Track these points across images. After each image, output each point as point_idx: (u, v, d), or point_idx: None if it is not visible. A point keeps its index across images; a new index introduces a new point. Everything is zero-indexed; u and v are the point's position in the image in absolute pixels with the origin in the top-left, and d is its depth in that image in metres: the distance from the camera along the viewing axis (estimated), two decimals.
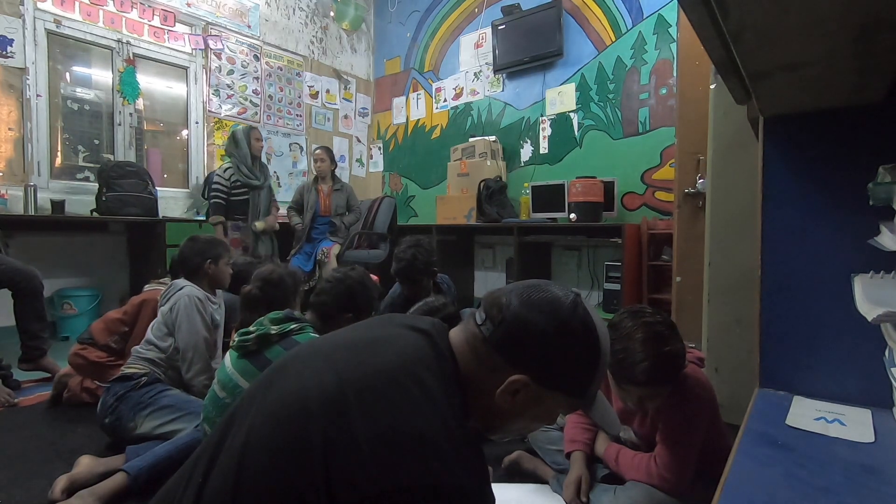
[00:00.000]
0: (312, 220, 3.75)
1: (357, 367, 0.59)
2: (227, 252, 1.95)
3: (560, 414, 0.71)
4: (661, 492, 1.10)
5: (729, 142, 1.66)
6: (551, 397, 0.65)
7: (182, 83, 3.99)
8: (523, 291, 0.66)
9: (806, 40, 0.61)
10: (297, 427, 0.54)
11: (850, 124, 0.92)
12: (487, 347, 0.64)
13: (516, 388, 0.62)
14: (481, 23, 4.41)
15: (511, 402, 0.63)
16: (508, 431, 0.70)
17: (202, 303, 1.77)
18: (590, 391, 0.67)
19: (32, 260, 2.41)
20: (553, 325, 0.62)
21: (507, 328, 0.63)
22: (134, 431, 1.55)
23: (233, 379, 1.32)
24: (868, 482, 0.64)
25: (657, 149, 3.42)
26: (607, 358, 0.67)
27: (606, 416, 0.73)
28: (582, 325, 0.64)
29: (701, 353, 1.24)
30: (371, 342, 0.65)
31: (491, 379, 0.63)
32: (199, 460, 0.62)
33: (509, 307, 0.64)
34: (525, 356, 0.63)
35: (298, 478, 0.52)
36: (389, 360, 0.60)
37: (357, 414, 0.54)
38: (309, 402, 0.56)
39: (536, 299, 0.64)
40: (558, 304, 0.64)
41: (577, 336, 0.64)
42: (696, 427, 1.10)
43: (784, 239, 0.99)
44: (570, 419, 1.41)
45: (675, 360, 1.08)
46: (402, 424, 0.53)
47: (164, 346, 1.72)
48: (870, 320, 0.64)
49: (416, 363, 0.60)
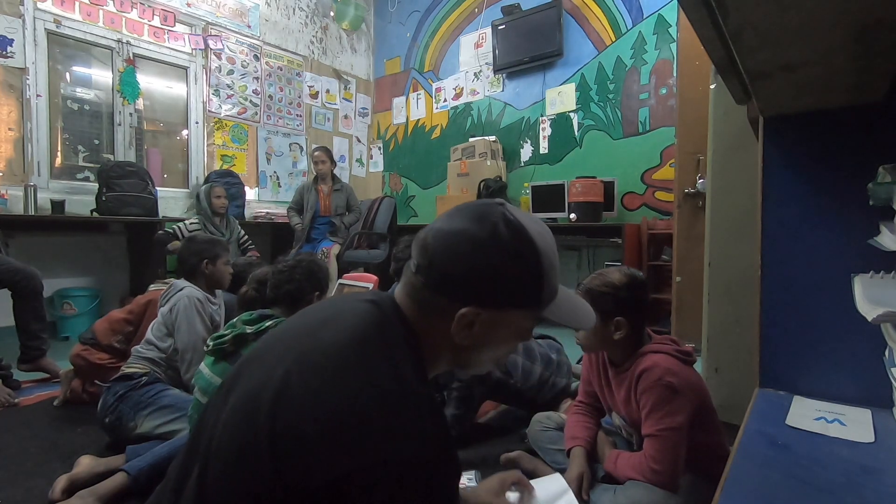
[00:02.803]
0: (312, 220, 3.75)
1: (301, 356, 0.57)
2: (226, 252, 1.94)
3: (528, 328, 0.68)
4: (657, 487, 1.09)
5: (729, 142, 1.66)
6: (509, 316, 0.62)
7: (182, 83, 3.99)
8: (443, 221, 0.63)
9: (806, 40, 0.61)
10: (248, 428, 0.54)
11: (850, 124, 0.92)
12: (429, 293, 0.62)
13: (469, 321, 0.60)
14: (481, 23, 4.42)
15: (470, 335, 0.61)
16: (485, 362, 0.68)
17: (202, 303, 1.77)
18: (545, 295, 0.63)
19: (32, 260, 2.41)
20: (477, 245, 0.59)
21: (438, 267, 0.61)
22: (134, 431, 1.55)
23: (212, 383, 1.33)
24: (868, 482, 0.64)
25: (657, 149, 3.42)
26: (551, 255, 0.63)
27: (574, 313, 0.69)
28: (508, 232, 0.60)
29: (688, 346, 1.24)
30: (319, 325, 0.62)
31: (443, 322, 0.61)
32: (175, 467, 0.62)
33: (432, 244, 0.61)
34: (463, 287, 0.60)
35: (251, 479, 0.51)
36: (334, 340, 0.58)
37: (300, 404, 0.53)
38: (259, 401, 0.54)
39: (455, 227, 0.61)
40: (478, 221, 0.60)
41: (506, 245, 0.60)
42: (674, 415, 1.09)
43: (784, 239, 0.99)
44: (571, 417, 1.41)
45: (612, 294, 1.17)
46: (345, 407, 0.52)
47: (164, 346, 1.71)
48: (870, 320, 0.64)
49: (361, 337, 0.58)
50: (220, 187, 3.39)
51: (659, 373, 1.12)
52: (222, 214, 3.37)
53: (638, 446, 1.24)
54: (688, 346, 1.25)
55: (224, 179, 3.91)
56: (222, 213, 3.37)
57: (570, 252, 3.86)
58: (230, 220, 3.46)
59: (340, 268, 3.65)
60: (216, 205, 3.31)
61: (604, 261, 3.46)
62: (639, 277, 1.22)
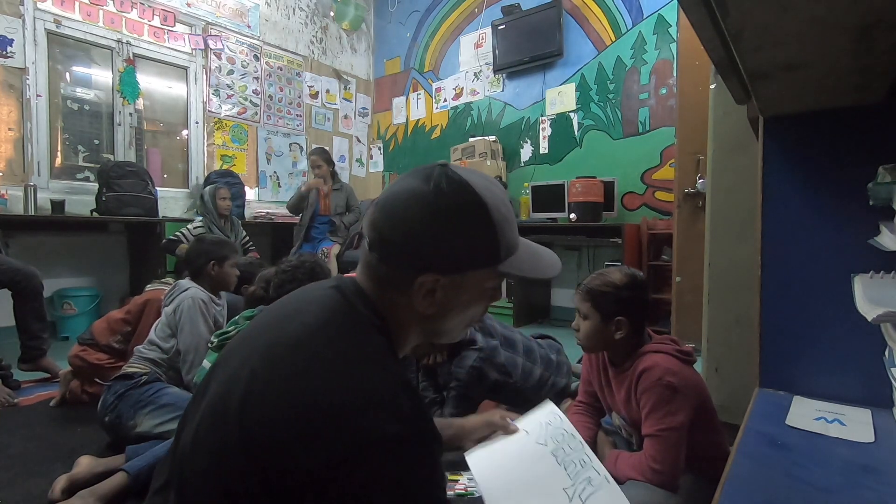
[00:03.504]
0: (312, 219, 3.75)
1: (267, 351, 0.56)
2: (234, 254, 1.93)
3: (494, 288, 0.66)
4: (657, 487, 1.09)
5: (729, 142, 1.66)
6: (469, 277, 0.61)
7: (182, 83, 3.99)
8: (386, 195, 0.62)
9: (806, 40, 0.61)
10: (219, 430, 0.53)
11: (850, 124, 0.92)
12: (383, 268, 0.60)
13: (429, 289, 0.59)
14: (481, 23, 4.42)
15: (433, 303, 0.60)
16: (456, 329, 0.66)
17: (206, 305, 1.77)
18: (502, 250, 0.61)
19: (32, 260, 2.41)
20: (422, 207, 0.58)
21: (387, 239, 0.59)
22: (134, 430, 1.55)
23: None
24: (868, 482, 0.64)
25: (657, 149, 3.42)
26: (502, 209, 0.61)
27: (538, 264, 0.66)
28: (452, 193, 0.58)
29: (688, 346, 1.24)
30: (284, 318, 0.62)
31: (405, 296, 0.60)
32: (160, 471, 0.63)
33: (379, 218, 0.60)
34: (416, 255, 0.58)
35: (228, 479, 0.51)
36: (298, 332, 0.57)
37: (267, 400, 0.52)
38: (227, 402, 0.54)
39: (398, 193, 0.60)
40: (418, 188, 0.59)
41: (452, 207, 0.58)
42: (674, 414, 1.09)
43: (784, 239, 0.99)
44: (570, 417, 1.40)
45: (613, 294, 1.18)
46: (313, 397, 0.51)
47: (167, 346, 1.71)
48: (870, 320, 0.64)
49: (325, 323, 0.57)
50: (224, 188, 3.39)
51: (659, 373, 1.12)
52: (227, 216, 3.37)
53: (638, 446, 1.24)
54: (688, 346, 1.25)
55: (224, 179, 3.91)
56: (227, 214, 3.36)
57: (570, 252, 3.86)
58: (234, 221, 3.46)
59: (340, 267, 3.65)
60: (221, 206, 3.31)
61: (604, 261, 3.47)
62: (639, 277, 1.22)
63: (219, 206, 3.30)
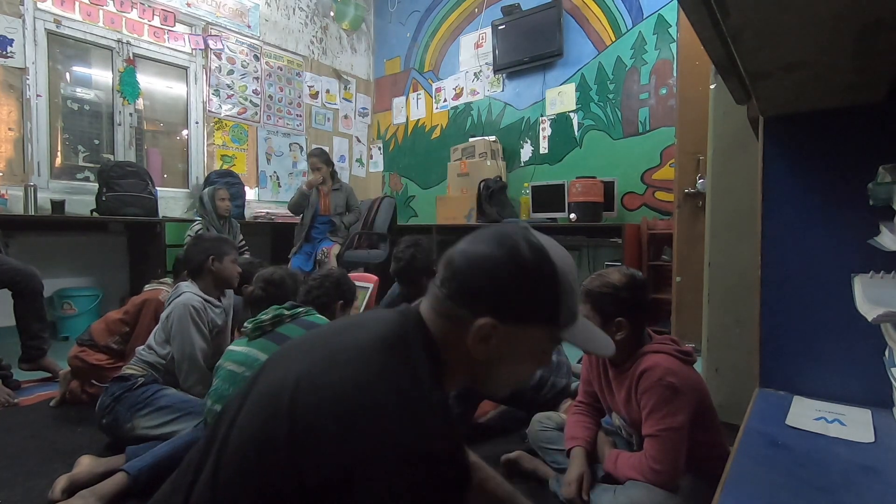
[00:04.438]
0: (312, 219, 3.75)
1: (326, 354, 0.61)
2: (233, 249, 1.89)
3: (546, 350, 0.70)
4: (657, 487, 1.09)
5: (729, 142, 1.66)
6: (526, 332, 0.64)
7: (182, 83, 3.99)
8: (468, 239, 0.66)
9: (806, 40, 0.61)
10: (267, 422, 0.56)
11: (850, 124, 0.92)
12: (451, 304, 0.63)
13: (486, 334, 0.61)
14: (481, 23, 4.41)
15: (486, 349, 0.62)
16: (501, 381, 0.69)
17: (198, 311, 1.71)
18: (562, 314, 0.64)
19: (32, 260, 2.41)
20: (499, 259, 0.62)
21: (459, 278, 0.63)
22: (132, 433, 1.54)
23: (250, 356, 1.40)
24: (868, 482, 0.64)
25: (657, 149, 3.42)
26: (570, 277, 0.65)
27: (593, 340, 0.71)
28: (530, 250, 0.63)
29: (688, 346, 1.24)
30: (344, 328, 0.66)
31: (462, 334, 0.62)
32: (191, 459, 0.63)
33: (457, 258, 0.65)
34: (482, 299, 0.62)
35: (268, 472, 0.53)
36: (356, 341, 0.61)
37: (320, 398, 0.55)
38: (279, 397, 0.57)
39: (481, 241, 0.65)
40: (502, 238, 0.64)
41: (526, 262, 0.62)
42: (674, 415, 1.09)
43: (784, 239, 0.99)
44: (571, 417, 1.41)
45: (613, 295, 1.18)
46: (360, 400, 0.54)
47: (163, 352, 1.69)
48: (870, 320, 0.64)
49: (382, 338, 0.61)
50: (223, 189, 3.38)
51: (659, 373, 1.12)
52: (227, 217, 3.36)
53: (638, 446, 1.24)
54: (688, 346, 1.25)
55: (224, 179, 3.91)
56: (227, 215, 3.36)
57: (570, 252, 3.81)
58: (233, 224, 3.46)
59: (340, 267, 3.65)
60: (221, 207, 3.30)
61: (604, 261, 3.46)
62: (638, 277, 1.22)
63: (218, 208, 3.29)
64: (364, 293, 2.72)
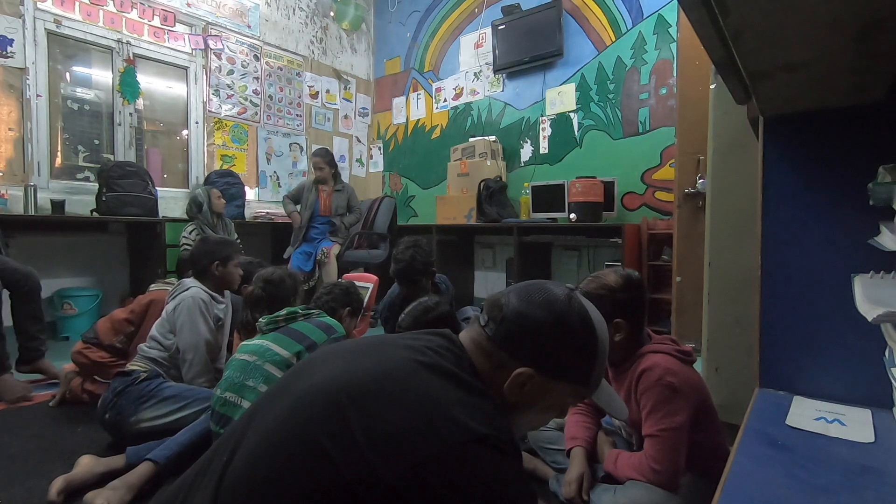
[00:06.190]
0: (311, 219, 3.75)
1: (371, 365, 0.63)
2: (238, 254, 1.96)
3: (568, 404, 0.76)
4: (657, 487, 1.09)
5: (729, 142, 1.65)
6: (557, 387, 0.69)
7: (182, 83, 3.99)
8: (521, 290, 0.71)
9: (806, 40, 0.61)
10: (307, 428, 0.56)
11: (850, 124, 0.92)
12: (492, 345, 0.68)
13: (523, 381, 0.66)
14: (481, 23, 4.41)
15: (519, 394, 0.67)
16: (522, 425, 0.74)
17: (206, 304, 1.78)
18: (592, 378, 0.71)
19: (32, 260, 2.41)
20: (550, 318, 0.67)
21: (509, 325, 0.68)
22: (136, 425, 1.56)
23: (262, 346, 1.43)
24: (868, 482, 0.64)
25: (657, 149, 3.42)
26: (605, 345, 0.71)
27: (613, 402, 0.78)
28: (577, 317, 0.69)
29: (688, 346, 1.23)
30: (388, 343, 0.70)
31: (499, 376, 0.67)
32: (216, 454, 0.64)
33: (508, 305, 0.69)
34: (527, 350, 0.67)
35: (314, 477, 0.53)
36: (405, 354, 0.64)
37: (379, 407, 0.57)
38: (316, 404, 0.58)
39: (534, 296, 0.69)
40: (554, 299, 0.69)
41: (574, 326, 0.68)
42: (674, 415, 1.09)
43: (784, 239, 0.99)
44: (571, 417, 1.41)
45: (609, 297, 1.17)
46: (419, 399, 0.58)
47: (168, 344, 1.73)
48: (870, 320, 0.64)
49: (433, 348, 0.66)
50: (215, 188, 3.44)
51: (659, 373, 1.12)
52: (220, 214, 3.38)
53: (638, 446, 1.24)
54: (688, 346, 1.25)
55: (224, 179, 3.91)
56: (221, 212, 3.39)
57: (570, 252, 3.86)
58: (227, 221, 3.48)
59: (340, 267, 3.65)
60: (217, 205, 3.33)
61: (604, 261, 3.46)
62: (635, 278, 1.22)
63: (215, 205, 3.34)
64: (364, 293, 2.73)
